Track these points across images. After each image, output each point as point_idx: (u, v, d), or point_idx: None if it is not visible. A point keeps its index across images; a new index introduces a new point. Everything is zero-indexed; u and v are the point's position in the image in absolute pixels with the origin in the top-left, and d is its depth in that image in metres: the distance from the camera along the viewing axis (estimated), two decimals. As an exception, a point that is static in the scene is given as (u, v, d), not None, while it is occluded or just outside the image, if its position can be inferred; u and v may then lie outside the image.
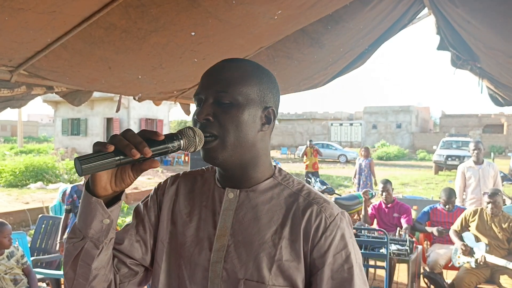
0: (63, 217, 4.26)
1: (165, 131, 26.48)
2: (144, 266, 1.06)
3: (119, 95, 3.59)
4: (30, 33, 1.97)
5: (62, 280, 3.91)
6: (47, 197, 10.02)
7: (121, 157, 0.81)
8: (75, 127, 25.73)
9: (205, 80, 0.98)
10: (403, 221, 4.66)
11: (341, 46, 3.53)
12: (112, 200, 0.91)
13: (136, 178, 0.89)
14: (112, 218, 0.90)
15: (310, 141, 12.35)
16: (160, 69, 2.82)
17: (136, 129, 24.58)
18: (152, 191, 1.11)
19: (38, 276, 3.53)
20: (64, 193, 4.84)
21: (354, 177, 9.50)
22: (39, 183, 12.38)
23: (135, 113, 24.65)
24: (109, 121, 24.93)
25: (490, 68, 3.46)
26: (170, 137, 0.87)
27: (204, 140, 0.92)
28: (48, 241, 4.33)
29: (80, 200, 0.91)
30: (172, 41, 2.45)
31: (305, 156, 11.96)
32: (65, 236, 3.96)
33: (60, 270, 4.19)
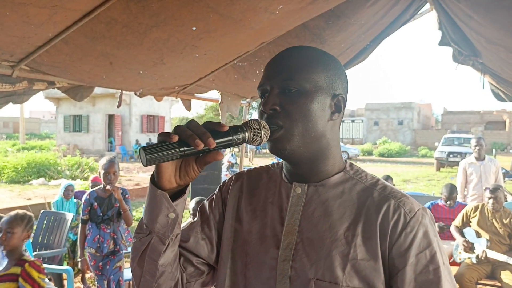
0: (79, 229, 3.74)
1: (167, 128, 26.52)
2: (210, 266, 1.04)
3: (120, 91, 3.59)
4: (32, 28, 1.97)
5: (64, 275, 3.93)
6: (49, 193, 10.05)
7: (185, 148, 0.79)
8: (77, 124, 25.77)
9: (270, 69, 0.94)
10: None
11: (342, 42, 3.52)
12: (177, 193, 0.88)
13: (200, 171, 0.86)
14: (177, 212, 0.87)
15: None
16: (161, 64, 2.81)
17: (138, 126, 24.74)
18: (217, 189, 1.08)
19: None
20: (66, 188, 4.86)
21: None
22: (41, 179, 12.43)
23: (137, 110, 24.68)
24: (110, 117, 24.97)
25: (492, 64, 3.45)
26: (235, 129, 0.84)
27: (270, 132, 0.89)
28: (50, 236, 4.35)
29: (147, 194, 0.89)
30: (173, 36, 2.45)
31: None
32: (87, 250, 3.59)
33: (62, 265, 4.21)
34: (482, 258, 3.75)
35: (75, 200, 5.02)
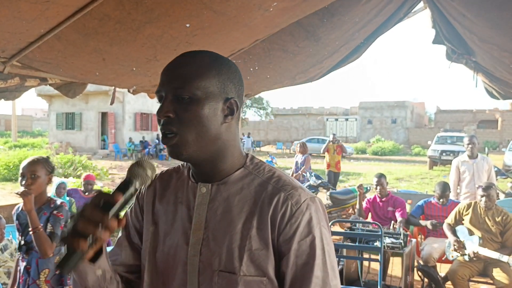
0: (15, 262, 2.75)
1: (161, 125, 26.38)
2: None
3: (113, 88, 3.57)
4: (23, 24, 1.95)
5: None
6: (41, 191, 9.97)
7: (90, 242, 0.84)
8: (69, 122, 25.60)
9: (164, 77, 0.98)
10: (397, 214, 4.69)
11: (336, 39, 3.52)
12: (97, 254, 0.93)
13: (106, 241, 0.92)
14: (102, 267, 0.95)
15: (334, 135, 10.43)
16: (154, 61, 2.80)
17: (131, 124, 24.62)
18: (135, 198, 1.13)
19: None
20: (58, 186, 4.82)
21: (292, 175, 8.72)
22: (34, 177, 12.30)
23: (130, 108, 24.56)
24: (104, 115, 24.83)
25: (485, 62, 3.47)
26: (125, 187, 0.89)
27: (166, 139, 0.96)
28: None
29: None
30: (166, 32, 2.44)
31: (326, 153, 10.30)
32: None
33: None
34: (474, 258, 3.77)
35: (67, 198, 4.99)
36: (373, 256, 4.03)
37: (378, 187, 4.88)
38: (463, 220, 4.12)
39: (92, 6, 1.89)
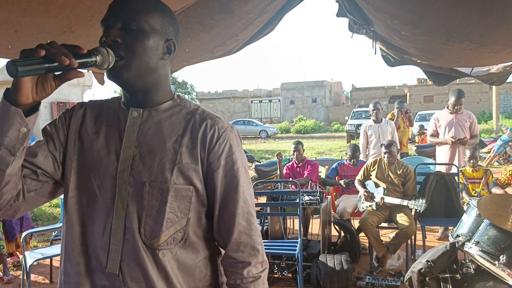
0: None
1: (79, 115, 25.14)
2: (53, 180, 1.15)
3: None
4: None
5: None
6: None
7: (50, 64, 0.89)
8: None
9: (113, 7, 1.10)
10: (306, 172, 5.10)
11: (249, 12, 3.72)
12: (30, 110, 0.99)
13: (57, 87, 0.99)
14: (29, 127, 0.98)
15: (401, 102, 7.56)
16: (69, 32, 2.79)
17: (47, 114, 23.14)
18: (61, 114, 1.22)
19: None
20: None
21: None
22: None
23: (44, 97, 23.03)
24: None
25: (381, 31, 3.87)
26: (88, 53, 0.97)
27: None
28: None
29: None
30: (80, 2, 2.46)
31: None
32: None
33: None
34: (381, 204, 4.27)
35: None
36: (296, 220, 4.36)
37: (296, 153, 5.25)
38: (371, 175, 4.61)
39: (1, -28, 1.89)
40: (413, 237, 4.44)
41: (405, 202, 4.10)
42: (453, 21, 3.05)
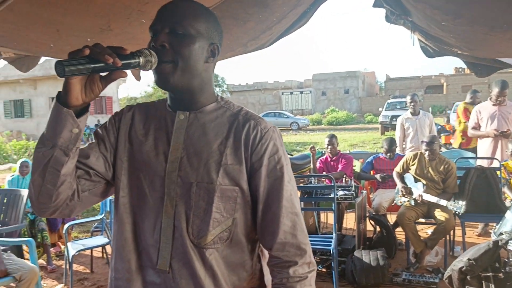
0: None
1: (115, 108, 25.80)
2: (105, 180, 1.19)
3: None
4: (-25, -5, 1.97)
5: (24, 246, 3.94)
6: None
7: (95, 65, 0.92)
8: (18, 109, 24.48)
9: (162, 13, 1.13)
10: (340, 166, 5.03)
11: (283, 5, 3.68)
12: (80, 111, 1.03)
13: (104, 88, 1.02)
14: (80, 128, 1.02)
15: (475, 92, 6.40)
16: (108, 31, 2.86)
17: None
18: (110, 117, 1.25)
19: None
20: (21, 165, 4.79)
21: None
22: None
23: (81, 91, 23.73)
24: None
25: (420, 21, 3.75)
26: (131, 54, 1.01)
27: (159, 64, 1.07)
28: (6, 214, 4.30)
29: (50, 111, 1.02)
30: (118, 1, 2.51)
31: (457, 122, 6.86)
32: None
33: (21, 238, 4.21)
34: (419, 201, 4.17)
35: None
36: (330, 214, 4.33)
37: (329, 147, 5.19)
38: (410, 169, 4.50)
39: (44, -25, 1.94)
40: (451, 233, 4.32)
41: (444, 203, 3.98)
42: (497, 10, 2.92)
